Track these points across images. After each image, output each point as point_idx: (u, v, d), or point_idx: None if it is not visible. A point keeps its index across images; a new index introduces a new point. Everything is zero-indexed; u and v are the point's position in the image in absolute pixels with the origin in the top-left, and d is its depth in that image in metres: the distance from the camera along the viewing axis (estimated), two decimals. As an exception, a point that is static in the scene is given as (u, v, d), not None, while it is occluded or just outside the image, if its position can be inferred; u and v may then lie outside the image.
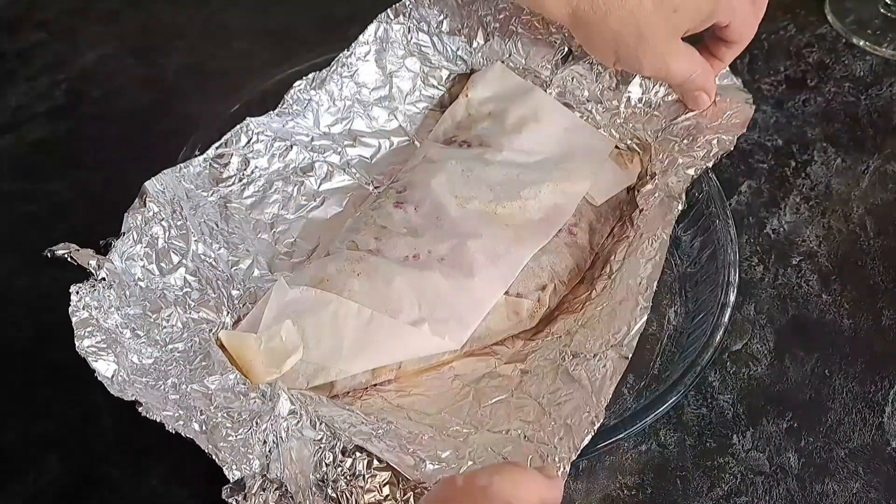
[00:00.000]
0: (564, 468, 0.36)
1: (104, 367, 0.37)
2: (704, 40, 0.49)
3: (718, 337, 0.43)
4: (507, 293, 0.45)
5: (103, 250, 0.42)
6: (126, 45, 0.69)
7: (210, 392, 0.38)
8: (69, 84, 0.66)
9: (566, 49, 0.55)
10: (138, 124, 0.62)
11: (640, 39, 0.44)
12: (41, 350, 0.49)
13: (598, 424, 0.37)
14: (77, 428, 0.46)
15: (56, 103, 0.64)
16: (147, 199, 0.44)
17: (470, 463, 0.36)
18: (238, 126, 0.50)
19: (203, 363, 0.40)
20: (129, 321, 0.40)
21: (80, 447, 0.45)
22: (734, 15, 0.46)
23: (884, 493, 0.42)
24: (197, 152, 0.50)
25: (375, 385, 0.44)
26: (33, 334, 0.50)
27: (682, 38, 0.47)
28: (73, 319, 0.38)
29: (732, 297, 0.44)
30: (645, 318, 0.40)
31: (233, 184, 0.49)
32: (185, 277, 0.44)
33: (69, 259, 0.39)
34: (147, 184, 0.45)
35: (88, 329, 0.38)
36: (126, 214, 0.43)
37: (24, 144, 0.62)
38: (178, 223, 0.45)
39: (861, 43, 0.64)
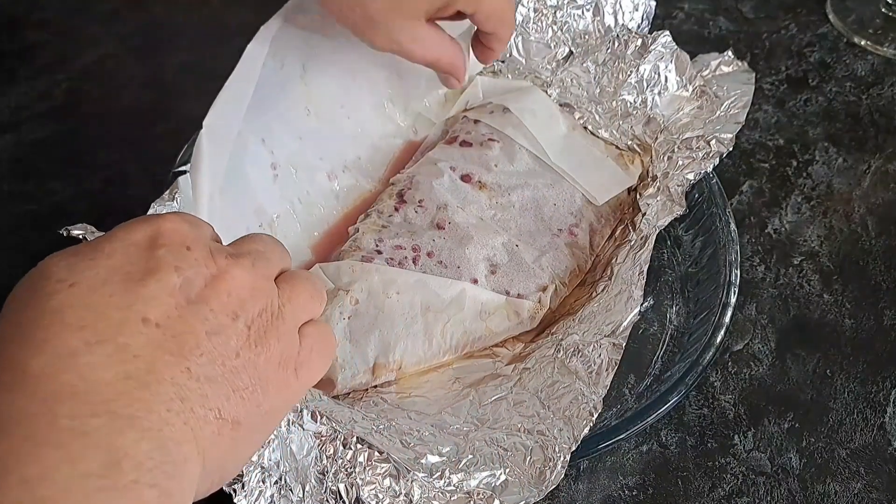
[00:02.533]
0: (564, 458, 0.36)
1: None
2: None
3: (720, 337, 0.43)
4: (507, 293, 0.45)
5: None
6: (126, 45, 0.69)
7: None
8: (69, 84, 0.66)
9: (566, 50, 0.55)
10: (138, 124, 0.62)
11: (368, 22, 0.42)
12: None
13: (597, 415, 0.37)
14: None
15: (56, 103, 0.64)
16: (177, 194, 0.44)
17: (470, 457, 0.36)
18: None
19: None
20: None
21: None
22: (479, 5, 0.44)
23: (885, 494, 0.42)
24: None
25: (376, 387, 0.44)
26: (33, 334, 0.50)
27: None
28: None
29: (734, 297, 0.44)
30: (638, 308, 0.41)
31: (233, 184, 0.49)
32: None
33: (84, 239, 0.39)
34: (180, 179, 0.45)
35: None
36: (153, 204, 0.43)
37: (24, 144, 0.61)
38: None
39: (862, 42, 0.64)
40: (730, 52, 0.52)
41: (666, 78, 0.52)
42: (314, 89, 0.51)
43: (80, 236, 0.39)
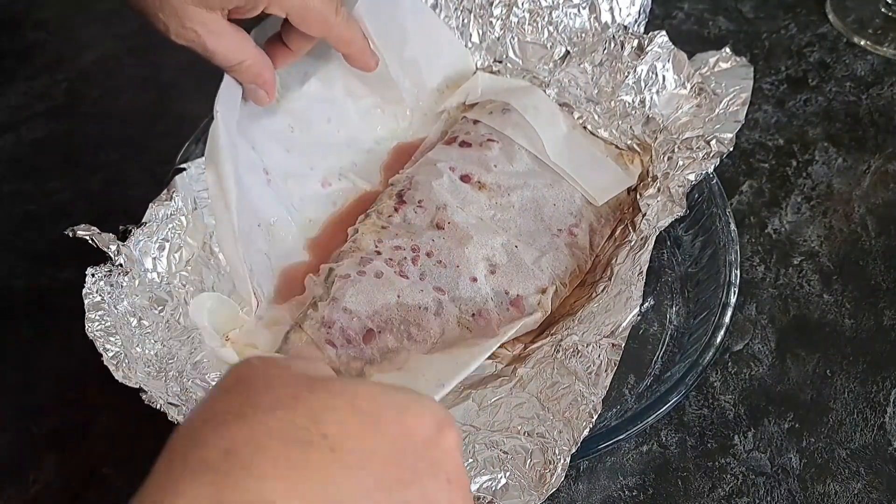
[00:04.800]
0: (564, 461, 0.36)
1: (111, 352, 0.37)
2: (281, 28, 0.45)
3: (720, 337, 0.43)
4: (507, 294, 0.45)
5: (121, 237, 0.42)
6: (125, 45, 0.69)
7: (211, 388, 0.38)
8: (68, 84, 0.66)
9: (563, 50, 0.54)
10: (137, 124, 0.62)
11: (157, 2, 0.39)
12: (41, 350, 0.49)
13: (596, 416, 0.37)
14: (77, 428, 0.46)
15: (56, 103, 0.64)
16: (174, 193, 0.44)
17: (470, 460, 0.36)
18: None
19: (206, 360, 0.40)
20: (136, 311, 0.40)
21: (80, 447, 0.45)
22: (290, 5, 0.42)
23: (885, 494, 0.42)
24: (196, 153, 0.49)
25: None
26: (32, 334, 0.50)
27: None
28: (86, 301, 0.38)
29: (734, 298, 0.44)
30: (637, 308, 0.41)
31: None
32: (188, 277, 0.44)
33: (90, 241, 0.39)
34: (178, 178, 0.45)
35: (99, 313, 0.38)
36: (151, 204, 0.43)
37: (23, 144, 0.61)
38: (197, 221, 0.45)
39: (862, 42, 0.64)
40: (727, 49, 0.52)
41: (664, 77, 0.52)
42: (295, 109, 0.51)
43: (87, 237, 0.39)
